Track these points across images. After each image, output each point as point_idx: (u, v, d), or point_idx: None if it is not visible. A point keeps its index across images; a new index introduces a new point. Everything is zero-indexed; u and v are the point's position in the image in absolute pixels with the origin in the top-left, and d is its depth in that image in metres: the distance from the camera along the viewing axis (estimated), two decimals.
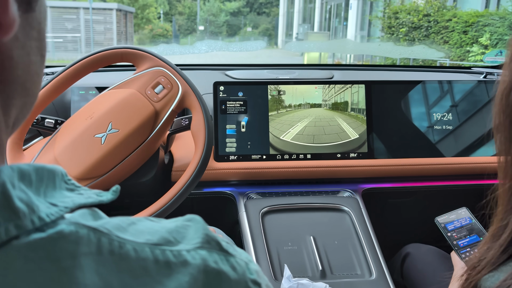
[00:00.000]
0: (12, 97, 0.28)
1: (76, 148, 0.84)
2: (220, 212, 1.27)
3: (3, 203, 0.22)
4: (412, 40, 7.93)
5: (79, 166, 0.83)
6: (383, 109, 1.13)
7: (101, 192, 0.30)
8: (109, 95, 0.89)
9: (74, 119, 0.88)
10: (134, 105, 0.87)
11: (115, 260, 0.25)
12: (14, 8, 0.24)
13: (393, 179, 1.13)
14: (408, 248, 1.07)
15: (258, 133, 1.09)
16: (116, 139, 0.85)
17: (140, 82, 0.89)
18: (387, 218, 1.34)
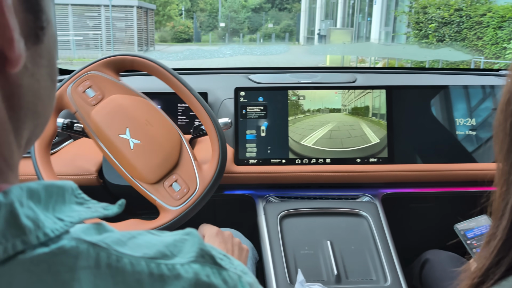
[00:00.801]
0: (24, 121, 0.30)
1: (144, 162, 0.89)
2: (240, 214, 1.29)
3: (11, 221, 0.24)
4: (442, 36, 7.59)
5: (163, 164, 0.89)
6: (404, 114, 1.12)
7: (108, 206, 0.32)
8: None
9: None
10: (103, 114, 0.90)
11: (112, 273, 0.26)
12: (21, 45, 0.26)
13: (414, 184, 1.12)
14: (428, 254, 1.07)
15: (277, 137, 1.11)
16: (136, 131, 0.89)
17: (79, 105, 0.92)
18: (408, 223, 1.33)
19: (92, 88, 0.91)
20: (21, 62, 0.27)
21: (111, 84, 0.91)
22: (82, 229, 0.28)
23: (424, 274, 1.04)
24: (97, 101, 0.90)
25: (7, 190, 0.25)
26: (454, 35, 7.45)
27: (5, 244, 0.24)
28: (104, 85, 0.91)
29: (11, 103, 0.28)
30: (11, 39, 0.26)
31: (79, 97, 0.91)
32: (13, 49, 0.26)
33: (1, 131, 0.28)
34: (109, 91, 0.91)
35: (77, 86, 0.91)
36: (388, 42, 11.88)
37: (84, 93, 0.91)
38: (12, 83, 0.28)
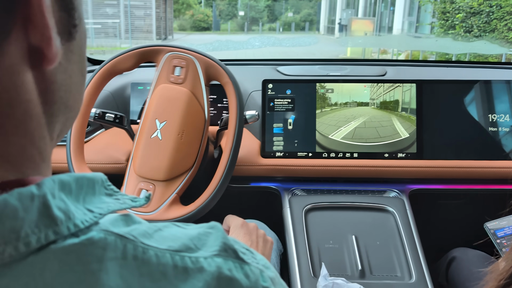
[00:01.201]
0: (56, 115, 0.31)
1: (147, 156, 0.89)
2: (265, 206, 1.30)
3: (44, 212, 0.25)
4: (469, 27, 7.26)
5: (160, 171, 0.88)
6: (435, 109, 1.11)
7: (135, 198, 0.33)
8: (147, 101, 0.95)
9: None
10: (165, 95, 0.91)
11: (138, 264, 0.27)
12: (57, 42, 0.28)
13: (443, 181, 1.11)
14: (455, 252, 1.05)
15: (304, 130, 1.10)
16: (169, 129, 0.89)
17: (161, 75, 0.93)
18: (435, 220, 1.31)
19: (181, 69, 0.93)
20: (57, 59, 0.28)
21: (196, 82, 0.93)
22: (111, 220, 0.29)
23: (451, 272, 1.03)
24: (174, 82, 0.92)
25: (40, 182, 0.26)
26: (483, 26, 7.13)
27: (38, 234, 0.25)
28: (191, 76, 0.93)
29: (46, 98, 0.29)
30: (49, 38, 0.27)
31: (167, 67, 0.93)
32: (51, 47, 0.27)
33: (37, 125, 0.29)
34: (189, 83, 0.93)
35: (174, 58, 0.93)
36: (411, 32, 11.58)
37: (173, 68, 0.93)
38: (47, 79, 0.29)
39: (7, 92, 0.26)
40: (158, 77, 0.93)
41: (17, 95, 0.27)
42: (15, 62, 0.26)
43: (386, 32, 13.83)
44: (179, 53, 0.93)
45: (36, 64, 0.28)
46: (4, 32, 0.25)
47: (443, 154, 1.10)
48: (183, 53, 0.93)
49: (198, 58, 0.93)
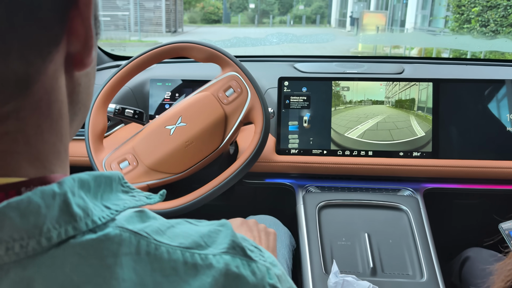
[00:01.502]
0: (77, 114, 0.34)
1: (149, 137, 0.92)
2: (280, 202, 1.31)
3: (64, 209, 0.27)
4: (486, 21, 6.95)
5: (150, 156, 0.90)
6: (451, 108, 1.10)
7: (150, 195, 0.35)
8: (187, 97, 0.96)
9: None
10: (204, 104, 0.93)
11: (150, 260, 0.29)
12: (95, 49, 0.31)
13: (458, 180, 1.10)
14: (469, 252, 1.05)
15: (320, 128, 1.11)
16: (183, 132, 0.91)
17: (215, 85, 0.94)
18: (450, 219, 1.31)
19: (233, 93, 0.95)
20: (91, 65, 0.31)
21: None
22: (126, 217, 0.31)
23: (464, 272, 1.03)
24: (221, 101, 0.94)
25: (61, 181, 0.28)
26: (500, 20, 6.81)
27: (59, 230, 0.27)
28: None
29: (72, 99, 0.32)
30: (91, 47, 0.30)
31: (223, 84, 0.94)
32: (90, 55, 0.30)
33: (64, 124, 0.32)
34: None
35: (233, 79, 0.95)
36: (424, 26, 11.37)
37: (228, 88, 0.95)
38: (75, 82, 0.32)
39: (48, 94, 0.29)
40: (212, 84, 0.95)
41: (55, 97, 0.30)
42: (58, 68, 0.29)
43: (398, 26, 13.50)
44: (241, 79, 0.94)
45: (69, 69, 0.31)
46: (56, 42, 0.28)
47: (459, 153, 1.09)
48: (244, 81, 0.94)
49: (252, 95, 0.94)
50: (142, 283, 0.28)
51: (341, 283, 0.83)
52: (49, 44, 0.27)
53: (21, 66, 0.26)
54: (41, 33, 0.27)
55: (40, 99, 0.29)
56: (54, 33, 0.28)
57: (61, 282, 0.26)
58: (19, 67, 0.26)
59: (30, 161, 0.29)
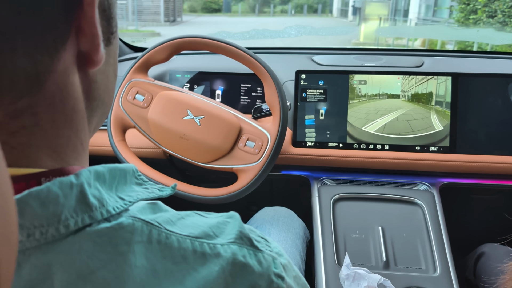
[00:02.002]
0: (95, 111, 0.36)
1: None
2: (295, 194, 1.33)
3: (81, 199, 0.29)
4: (493, 12, 6.53)
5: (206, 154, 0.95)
6: (470, 103, 1.08)
7: (163, 187, 0.37)
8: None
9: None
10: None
11: (161, 248, 0.31)
12: (102, 47, 0.32)
13: (476, 176, 1.09)
14: (484, 248, 1.04)
15: (336, 122, 1.11)
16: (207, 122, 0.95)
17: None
18: (466, 214, 1.29)
19: (139, 93, 0.98)
20: (101, 62, 0.32)
21: (152, 86, 0.98)
22: (139, 208, 0.33)
23: (479, 267, 1.02)
24: (149, 103, 0.97)
25: (78, 172, 0.30)
26: (508, 10, 6.44)
27: (76, 218, 0.29)
28: (147, 87, 0.98)
29: (88, 96, 0.34)
30: (98, 45, 0.31)
31: (132, 105, 0.98)
32: (98, 53, 0.32)
33: (81, 119, 0.34)
34: (154, 91, 0.98)
35: (126, 96, 0.98)
36: (428, 16, 10.89)
37: (135, 99, 0.98)
38: (90, 79, 0.34)
39: (61, 91, 0.31)
40: (140, 118, 0.98)
41: (68, 93, 0.31)
42: (68, 66, 0.31)
43: (401, 16, 13.05)
44: (121, 94, 0.99)
45: (82, 66, 0.32)
46: (62, 40, 0.29)
47: (477, 148, 1.07)
48: (123, 89, 0.99)
49: (129, 77, 0.98)
50: (153, 270, 0.30)
51: (353, 275, 0.84)
52: (55, 43, 0.29)
53: (28, 64, 0.27)
54: (46, 32, 0.28)
55: (53, 95, 0.30)
56: (60, 32, 0.29)
57: (78, 267, 0.28)
58: (26, 65, 0.27)
59: (48, 153, 0.31)
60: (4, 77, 0.27)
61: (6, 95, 0.28)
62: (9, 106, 0.28)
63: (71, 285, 0.28)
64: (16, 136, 0.29)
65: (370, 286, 0.81)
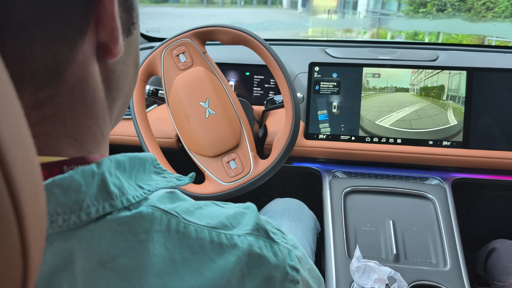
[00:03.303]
0: (115, 100, 0.36)
1: (214, 136, 0.95)
2: (306, 186, 1.33)
3: (102, 187, 0.30)
4: (442, 5, 6.39)
5: (230, 139, 0.95)
6: (485, 98, 1.07)
7: (181, 177, 0.37)
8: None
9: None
10: (188, 81, 0.96)
11: (179, 237, 0.31)
12: (121, 39, 0.32)
13: (489, 171, 1.08)
14: (495, 243, 1.04)
15: (348, 114, 1.11)
16: (215, 102, 0.94)
17: (170, 70, 0.97)
18: (478, 210, 1.28)
19: (185, 54, 0.97)
20: (120, 54, 0.33)
21: (199, 56, 0.97)
22: (158, 197, 0.33)
23: (489, 263, 1.02)
24: (186, 67, 0.97)
25: (100, 161, 0.31)
26: (458, 4, 6.36)
27: (97, 206, 0.29)
28: (195, 54, 0.97)
29: (108, 85, 0.34)
30: (117, 37, 0.32)
31: (172, 59, 0.97)
32: (117, 45, 0.32)
33: (101, 109, 0.34)
34: (197, 61, 0.97)
35: (172, 49, 0.97)
36: (377, 9, 10.70)
37: (177, 57, 0.97)
38: (109, 69, 0.34)
39: (80, 81, 0.31)
40: (169, 73, 0.97)
41: (87, 84, 0.32)
42: (87, 57, 0.31)
43: (351, 8, 12.81)
44: (172, 44, 0.97)
45: (101, 57, 0.33)
46: (81, 32, 0.30)
47: (491, 144, 1.06)
48: (174, 42, 0.97)
49: (188, 36, 0.96)
50: (171, 259, 0.30)
51: (363, 268, 0.85)
52: (74, 34, 0.29)
53: (48, 55, 0.28)
54: (65, 24, 0.28)
55: (73, 86, 0.31)
56: (79, 24, 0.29)
57: (99, 254, 0.29)
58: (46, 56, 0.28)
59: (69, 142, 0.31)
60: (25, 68, 0.27)
61: (27, 86, 0.28)
62: (30, 97, 0.29)
63: (92, 271, 0.28)
64: (38, 126, 0.30)
65: (380, 279, 0.82)
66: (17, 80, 0.27)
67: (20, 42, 0.27)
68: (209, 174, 0.95)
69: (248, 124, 0.98)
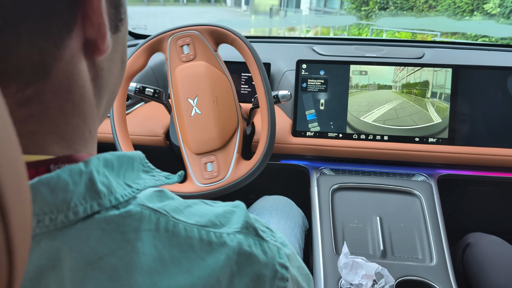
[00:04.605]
0: (103, 97, 0.36)
1: (197, 134, 0.94)
2: (294, 183, 1.33)
3: (90, 186, 0.29)
4: (384, 4, 6.37)
5: (213, 141, 0.94)
6: (470, 95, 1.08)
7: (169, 175, 0.37)
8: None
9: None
10: (185, 74, 0.95)
11: (169, 236, 0.31)
12: (109, 36, 0.32)
13: (474, 167, 1.10)
14: (470, 238, 1.05)
15: (336, 111, 1.11)
16: (204, 102, 0.94)
17: (173, 59, 0.96)
18: (463, 206, 1.30)
19: (189, 47, 0.96)
20: (108, 51, 0.32)
21: (206, 52, 0.96)
22: (147, 196, 0.33)
23: (466, 258, 1.03)
24: (187, 60, 0.96)
25: (88, 160, 0.30)
26: (400, 2, 6.38)
27: (85, 205, 0.29)
28: (200, 48, 0.96)
29: (96, 83, 0.34)
30: (104, 34, 0.31)
31: (175, 49, 0.96)
32: (105, 41, 0.31)
33: (89, 107, 0.33)
34: (201, 56, 0.96)
35: (178, 38, 0.96)
36: (320, 7, 10.82)
37: (181, 48, 0.96)
38: (97, 66, 0.34)
39: (68, 79, 0.31)
40: (170, 62, 0.96)
41: (75, 81, 0.31)
42: (74, 54, 0.31)
43: (294, 6, 12.80)
44: (179, 33, 0.95)
45: (89, 54, 0.32)
46: (68, 29, 0.29)
47: (475, 141, 1.08)
48: (183, 32, 0.95)
49: (198, 30, 0.95)
50: (161, 257, 0.30)
51: (351, 264, 0.85)
52: (60, 31, 0.28)
53: (33, 52, 0.27)
54: (51, 21, 0.28)
55: (60, 83, 0.30)
56: (65, 21, 0.29)
57: (86, 253, 0.28)
58: (31, 53, 0.27)
59: (56, 141, 0.31)
60: (10, 65, 0.27)
61: (12, 83, 0.28)
62: (16, 95, 0.28)
63: (80, 271, 0.28)
64: (24, 124, 0.29)
65: (367, 275, 0.82)
66: (2, 77, 0.27)
67: (4, 38, 0.26)
68: (190, 172, 0.95)
69: (245, 127, 0.98)
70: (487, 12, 5.34)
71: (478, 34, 5.33)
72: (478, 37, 5.36)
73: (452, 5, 5.88)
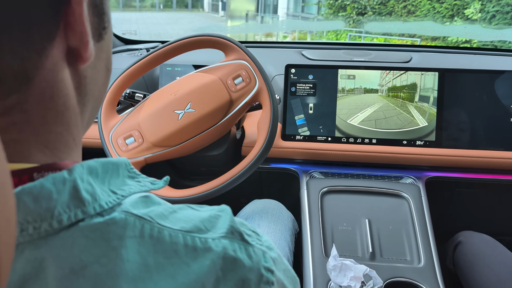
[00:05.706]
0: (87, 105, 0.36)
1: (157, 118, 0.95)
2: (284, 187, 1.34)
3: (74, 194, 0.29)
4: (362, 9, 6.20)
5: (155, 134, 0.94)
6: (456, 98, 1.10)
7: (155, 181, 0.37)
8: (195, 77, 0.98)
9: (161, 92, 0.99)
10: (213, 90, 0.95)
11: (153, 242, 0.31)
12: (92, 44, 0.32)
13: (461, 170, 1.11)
14: (461, 236, 1.07)
15: (325, 115, 1.12)
16: (191, 118, 0.94)
17: (224, 71, 0.97)
18: (450, 207, 1.32)
19: (242, 81, 0.97)
20: (91, 59, 0.32)
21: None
22: (132, 202, 0.33)
23: (457, 256, 1.05)
24: (230, 89, 0.97)
25: (71, 168, 0.30)
26: (378, 7, 6.33)
27: (69, 213, 0.29)
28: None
29: (79, 91, 0.34)
30: (86, 42, 0.31)
31: (231, 71, 0.97)
32: (87, 49, 0.32)
33: (72, 115, 0.34)
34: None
35: (242, 68, 0.97)
36: (297, 12, 10.81)
37: (237, 76, 0.97)
38: (80, 74, 0.34)
39: (50, 87, 0.31)
40: (219, 67, 0.97)
41: (58, 90, 0.31)
42: (57, 62, 0.31)
43: (271, 12, 12.78)
44: (251, 69, 0.96)
45: (72, 62, 0.32)
46: (50, 38, 0.29)
47: (462, 143, 1.10)
48: (253, 71, 0.96)
49: (259, 81, 0.96)
50: (145, 264, 0.30)
51: (339, 266, 0.86)
52: (42, 39, 0.28)
53: (15, 61, 0.27)
54: (33, 29, 0.28)
55: (43, 92, 0.30)
56: (47, 30, 0.29)
57: (71, 261, 0.28)
58: (13, 62, 0.27)
59: (39, 149, 0.31)
60: None
61: None
62: None
63: (64, 279, 0.28)
64: (7, 133, 0.29)
65: (356, 277, 0.83)
66: None
67: None
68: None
69: (235, 131, 0.99)
70: (468, 17, 5.35)
71: (460, 39, 5.35)
72: (459, 43, 5.37)
73: (431, 10, 5.83)
